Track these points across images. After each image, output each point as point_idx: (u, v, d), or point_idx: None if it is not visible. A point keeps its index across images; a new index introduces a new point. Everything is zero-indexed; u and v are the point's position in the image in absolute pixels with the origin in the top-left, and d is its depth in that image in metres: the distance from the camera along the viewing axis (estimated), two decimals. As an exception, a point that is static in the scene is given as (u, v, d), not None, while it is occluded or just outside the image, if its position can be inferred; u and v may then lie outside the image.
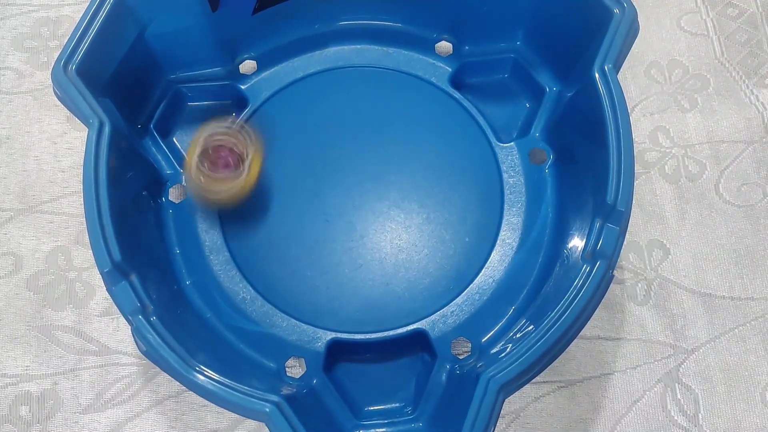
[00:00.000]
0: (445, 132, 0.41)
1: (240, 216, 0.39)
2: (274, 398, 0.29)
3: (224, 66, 0.41)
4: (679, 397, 0.38)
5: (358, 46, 0.43)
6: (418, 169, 0.40)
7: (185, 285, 0.37)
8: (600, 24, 0.34)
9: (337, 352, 0.36)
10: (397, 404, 0.35)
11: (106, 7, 0.34)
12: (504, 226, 0.39)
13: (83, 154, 0.32)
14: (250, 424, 0.37)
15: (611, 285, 0.32)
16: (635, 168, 0.32)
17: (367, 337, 0.36)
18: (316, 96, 0.42)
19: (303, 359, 0.36)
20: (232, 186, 0.36)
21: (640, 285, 0.40)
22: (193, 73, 0.41)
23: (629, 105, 0.44)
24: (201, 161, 0.35)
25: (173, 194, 0.39)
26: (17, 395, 0.37)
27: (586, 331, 0.38)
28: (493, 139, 0.40)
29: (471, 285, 0.37)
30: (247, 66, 0.42)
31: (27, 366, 0.38)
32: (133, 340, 0.37)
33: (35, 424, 0.37)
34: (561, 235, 0.37)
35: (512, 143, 0.40)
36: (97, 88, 0.34)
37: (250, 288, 0.37)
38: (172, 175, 0.39)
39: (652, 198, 0.42)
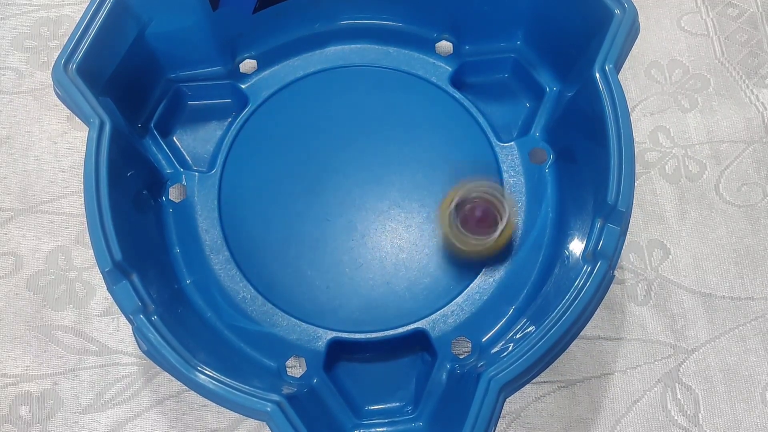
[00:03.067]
0: (445, 131, 0.41)
1: (240, 216, 0.39)
2: (276, 397, 0.29)
3: (224, 65, 0.41)
4: (679, 397, 0.38)
5: (359, 46, 0.43)
6: (419, 168, 0.40)
7: (185, 284, 0.37)
8: (600, 24, 0.34)
9: (338, 351, 0.36)
10: (398, 403, 0.35)
11: (106, 7, 0.34)
12: (504, 226, 0.39)
13: (84, 153, 0.32)
14: (251, 423, 0.37)
15: (612, 285, 0.32)
16: (635, 168, 0.32)
17: (368, 336, 0.36)
18: (317, 95, 0.42)
19: (303, 358, 0.36)
20: (481, 243, 0.36)
21: (640, 285, 0.40)
22: (194, 72, 0.41)
23: (629, 105, 0.43)
24: (456, 214, 0.36)
25: (173, 194, 0.39)
26: (17, 395, 0.37)
27: (586, 331, 0.38)
28: (493, 139, 0.40)
29: (471, 284, 0.37)
30: (248, 65, 0.42)
31: (27, 366, 0.38)
32: (133, 339, 0.38)
33: (35, 424, 0.37)
34: (561, 235, 0.37)
35: (512, 143, 0.40)
36: (97, 87, 0.34)
37: (251, 287, 0.37)
38: (172, 174, 0.39)
39: (652, 198, 0.42)
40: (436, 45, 0.43)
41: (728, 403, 0.38)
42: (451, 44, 0.43)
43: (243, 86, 0.41)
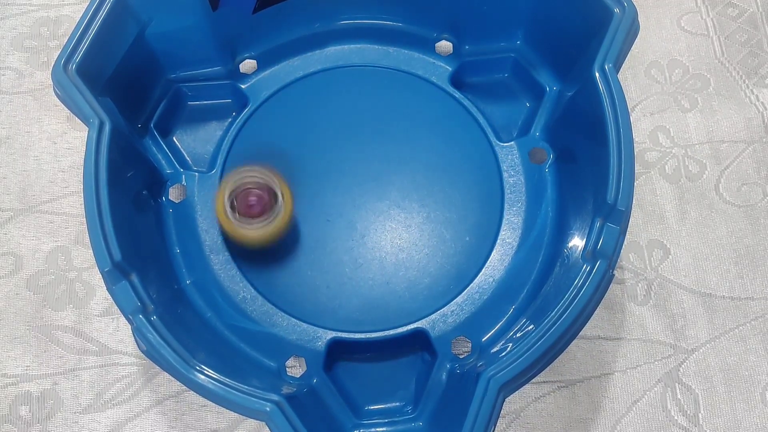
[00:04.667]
0: (445, 131, 0.41)
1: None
2: (275, 397, 0.29)
3: (224, 65, 0.41)
4: (679, 397, 0.38)
5: (358, 46, 0.43)
6: (419, 168, 0.40)
7: (185, 284, 0.37)
8: (600, 23, 0.34)
9: (338, 351, 0.36)
10: (398, 403, 0.35)
11: (106, 7, 0.34)
12: (504, 226, 0.39)
13: (83, 153, 0.32)
14: (250, 423, 0.37)
15: (611, 285, 0.32)
16: (635, 168, 0.32)
17: (368, 336, 0.36)
18: (317, 95, 0.42)
19: (303, 358, 0.36)
20: (263, 230, 0.35)
21: (640, 285, 0.40)
22: (194, 72, 0.41)
23: (629, 105, 0.43)
24: (231, 207, 0.35)
25: (173, 194, 0.39)
26: (17, 395, 0.37)
27: (586, 330, 0.38)
28: (493, 139, 0.40)
29: (471, 284, 0.37)
30: (248, 65, 0.42)
31: (27, 366, 0.38)
32: (133, 339, 0.38)
33: (35, 424, 0.37)
34: (561, 235, 0.37)
35: (512, 142, 0.40)
36: (97, 87, 0.34)
37: (251, 287, 0.37)
38: (172, 174, 0.39)
39: (652, 198, 0.42)
40: (436, 45, 0.43)
41: (728, 403, 0.38)
42: (451, 44, 0.43)
43: (243, 86, 0.41)
